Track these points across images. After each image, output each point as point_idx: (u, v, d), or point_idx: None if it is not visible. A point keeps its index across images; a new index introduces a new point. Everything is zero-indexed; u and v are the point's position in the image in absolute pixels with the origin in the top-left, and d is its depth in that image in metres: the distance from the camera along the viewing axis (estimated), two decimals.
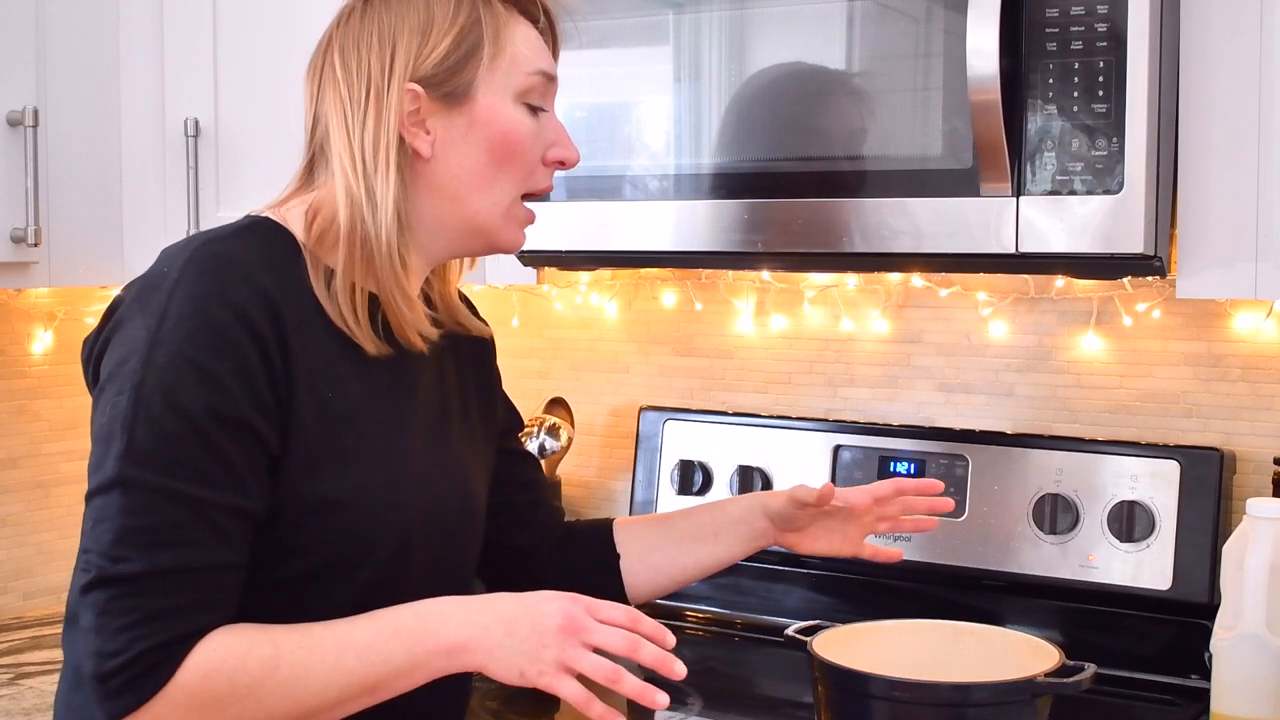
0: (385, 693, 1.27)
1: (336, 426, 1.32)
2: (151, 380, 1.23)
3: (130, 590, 1.21)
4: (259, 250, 1.33)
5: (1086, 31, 1.59)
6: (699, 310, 2.31)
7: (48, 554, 2.41)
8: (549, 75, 1.42)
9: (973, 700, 1.49)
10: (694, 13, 1.84)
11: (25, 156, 1.97)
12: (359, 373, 1.36)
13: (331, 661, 1.25)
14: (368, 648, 1.26)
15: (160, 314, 1.26)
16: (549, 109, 1.43)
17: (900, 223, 1.71)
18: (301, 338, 1.30)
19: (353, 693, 1.26)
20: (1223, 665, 1.64)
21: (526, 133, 1.39)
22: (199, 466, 1.23)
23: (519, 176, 1.40)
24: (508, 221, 1.41)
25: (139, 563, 1.21)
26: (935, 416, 2.14)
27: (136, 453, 1.22)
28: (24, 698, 1.93)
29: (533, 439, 2.32)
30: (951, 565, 2.01)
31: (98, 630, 1.21)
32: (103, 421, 1.26)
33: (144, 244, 2.14)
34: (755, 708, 1.98)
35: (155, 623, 1.21)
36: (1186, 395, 1.97)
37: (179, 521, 1.23)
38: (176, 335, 1.24)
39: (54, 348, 2.41)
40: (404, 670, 1.26)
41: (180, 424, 1.23)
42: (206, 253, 1.30)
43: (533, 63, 1.40)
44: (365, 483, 1.34)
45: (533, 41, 1.42)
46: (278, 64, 2.10)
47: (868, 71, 1.76)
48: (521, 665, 1.26)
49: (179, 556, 1.22)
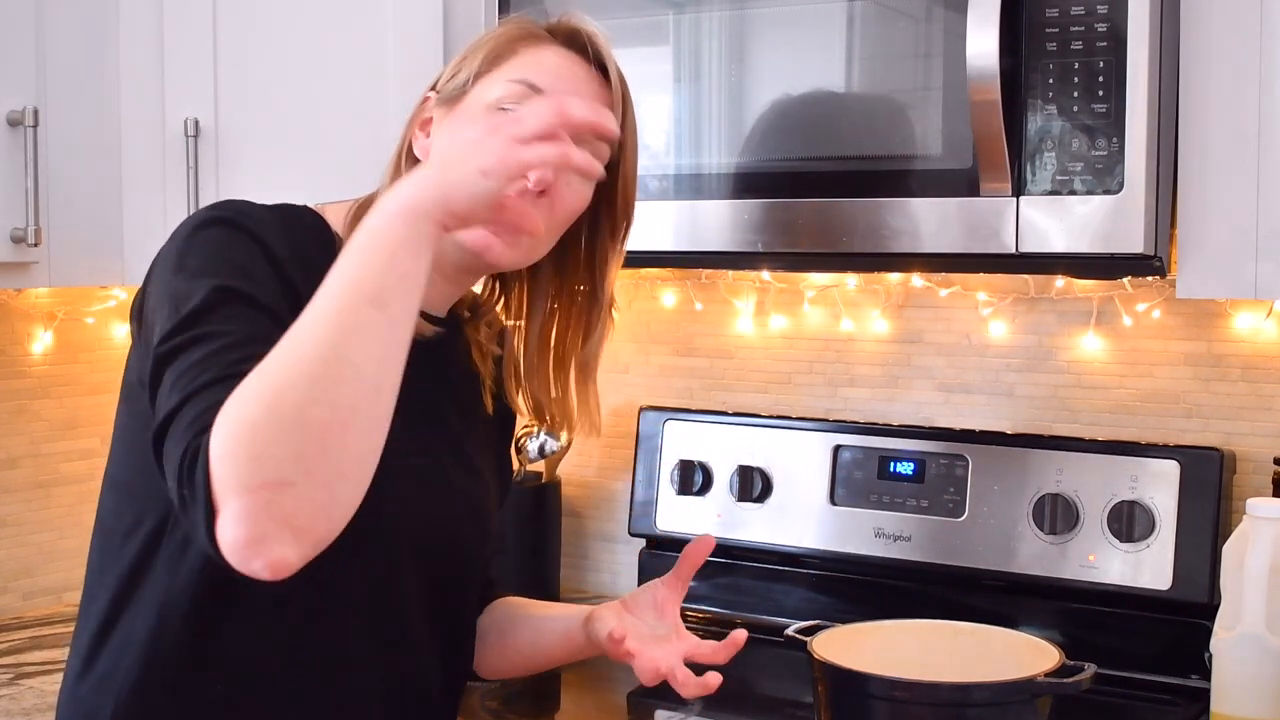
0: (388, 300, 1.12)
1: None
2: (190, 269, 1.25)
3: (205, 352, 1.18)
4: (284, 224, 1.35)
5: (1086, 31, 1.59)
6: (699, 310, 2.31)
7: (48, 554, 2.40)
8: (533, 86, 1.37)
9: (973, 700, 1.49)
10: (694, 13, 1.84)
11: (25, 156, 1.97)
12: None
13: (307, 321, 1.12)
14: (344, 267, 1.14)
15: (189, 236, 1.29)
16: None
17: (900, 223, 1.71)
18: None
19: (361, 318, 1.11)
20: (1223, 665, 1.64)
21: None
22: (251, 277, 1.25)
23: None
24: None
25: (214, 327, 1.19)
26: (935, 416, 2.14)
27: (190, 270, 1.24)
28: (24, 698, 1.93)
29: (533, 439, 2.32)
30: (951, 565, 2.01)
31: (171, 388, 1.17)
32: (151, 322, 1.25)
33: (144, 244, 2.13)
34: (755, 708, 1.98)
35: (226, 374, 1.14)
36: (1186, 395, 1.97)
37: (243, 313, 1.22)
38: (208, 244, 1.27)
39: (54, 348, 2.40)
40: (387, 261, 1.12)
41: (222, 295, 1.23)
42: (233, 204, 1.33)
43: (519, 72, 1.38)
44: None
45: (543, 59, 1.40)
46: (278, 64, 2.10)
47: (868, 71, 1.76)
48: (477, 164, 1.13)
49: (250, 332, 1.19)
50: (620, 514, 2.38)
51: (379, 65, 2.04)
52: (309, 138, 2.09)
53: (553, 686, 2.00)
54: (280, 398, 1.08)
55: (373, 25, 2.06)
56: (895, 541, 2.05)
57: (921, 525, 2.03)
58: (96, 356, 2.46)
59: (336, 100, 2.07)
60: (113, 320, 2.47)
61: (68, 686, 1.40)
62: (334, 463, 1.09)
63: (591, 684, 2.05)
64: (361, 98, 2.05)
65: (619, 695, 1.99)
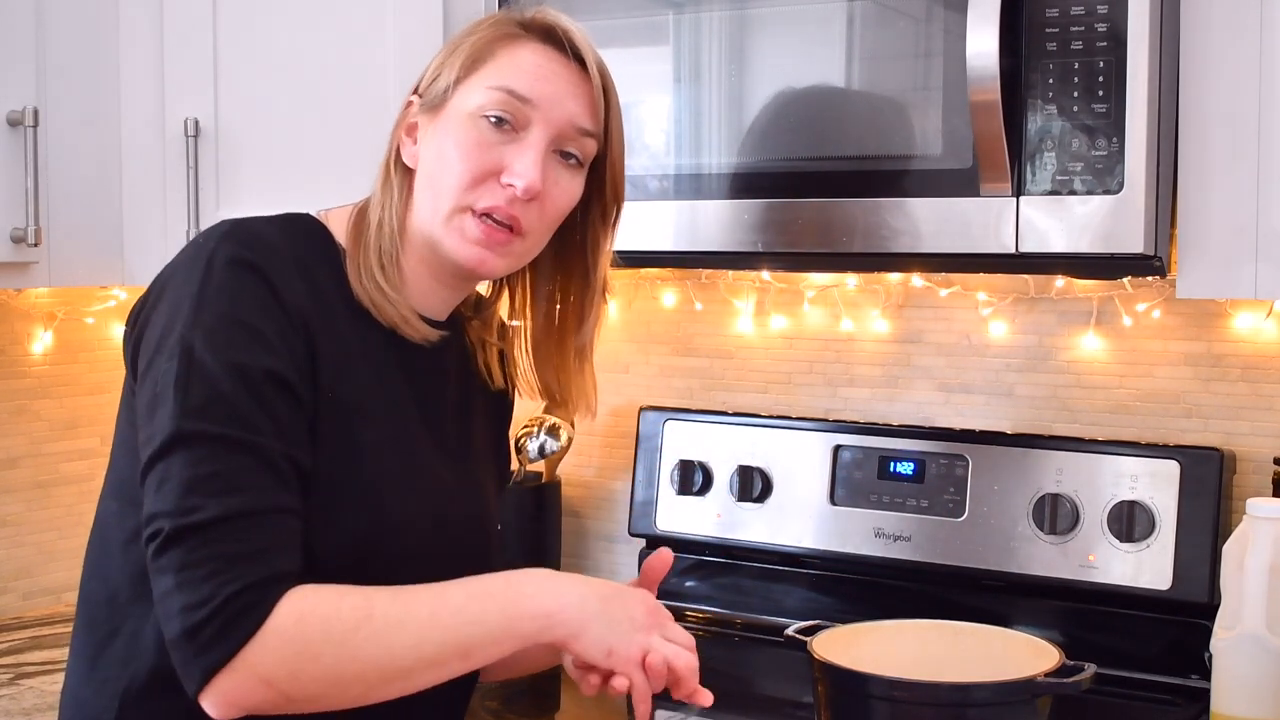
0: (477, 658, 1.27)
1: (347, 420, 1.33)
2: (201, 340, 1.25)
3: (207, 538, 1.21)
4: (292, 238, 1.35)
5: (1086, 31, 1.59)
6: (699, 310, 2.31)
7: (48, 554, 2.40)
8: (513, 93, 1.37)
9: (973, 700, 1.49)
10: (694, 13, 1.84)
11: (25, 156, 1.97)
12: (375, 372, 1.37)
13: (426, 616, 1.24)
14: (461, 607, 1.25)
15: (201, 281, 1.28)
16: (521, 128, 1.37)
17: (900, 223, 1.71)
18: (323, 330, 1.32)
19: (445, 654, 1.25)
20: (1223, 665, 1.64)
21: (472, 143, 1.37)
22: (253, 419, 1.24)
23: (460, 186, 1.36)
24: (449, 231, 1.37)
25: (211, 509, 1.21)
26: (935, 416, 2.14)
27: (192, 408, 1.23)
28: (24, 698, 1.93)
29: (533, 439, 2.32)
30: (951, 565, 2.01)
31: (180, 586, 1.20)
32: (153, 391, 1.26)
33: (144, 244, 2.14)
34: (755, 708, 1.98)
35: (237, 567, 1.20)
36: (1186, 395, 1.97)
37: (243, 466, 1.23)
38: (221, 298, 1.27)
39: (54, 348, 2.40)
40: (496, 635, 1.26)
41: (233, 379, 1.24)
42: (243, 229, 1.33)
43: (501, 78, 1.38)
44: (364, 476, 1.34)
45: (517, 61, 1.39)
46: (278, 64, 2.10)
47: (868, 71, 1.76)
48: (612, 644, 1.27)
49: (248, 499, 1.23)
50: (620, 514, 2.38)
51: (379, 65, 2.04)
52: (309, 138, 2.09)
53: (553, 686, 2.00)
54: (347, 662, 1.22)
55: (373, 25, 2.06)
56: (895, 541, 2.05)
57: (921, 525, 2.03)
58: (96, 356, 2.46)
59: (336, 100, 2.07)
60: (113, 320, 2.47)
61: (71, 688, 1.40)
62: (357, 699, 1.26)
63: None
64: (361, 98, 2.05)
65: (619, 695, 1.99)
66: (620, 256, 1.51)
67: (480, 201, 1.36)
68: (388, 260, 1.38)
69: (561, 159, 1.40)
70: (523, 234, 1.38)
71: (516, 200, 1.36)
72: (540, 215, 1.39)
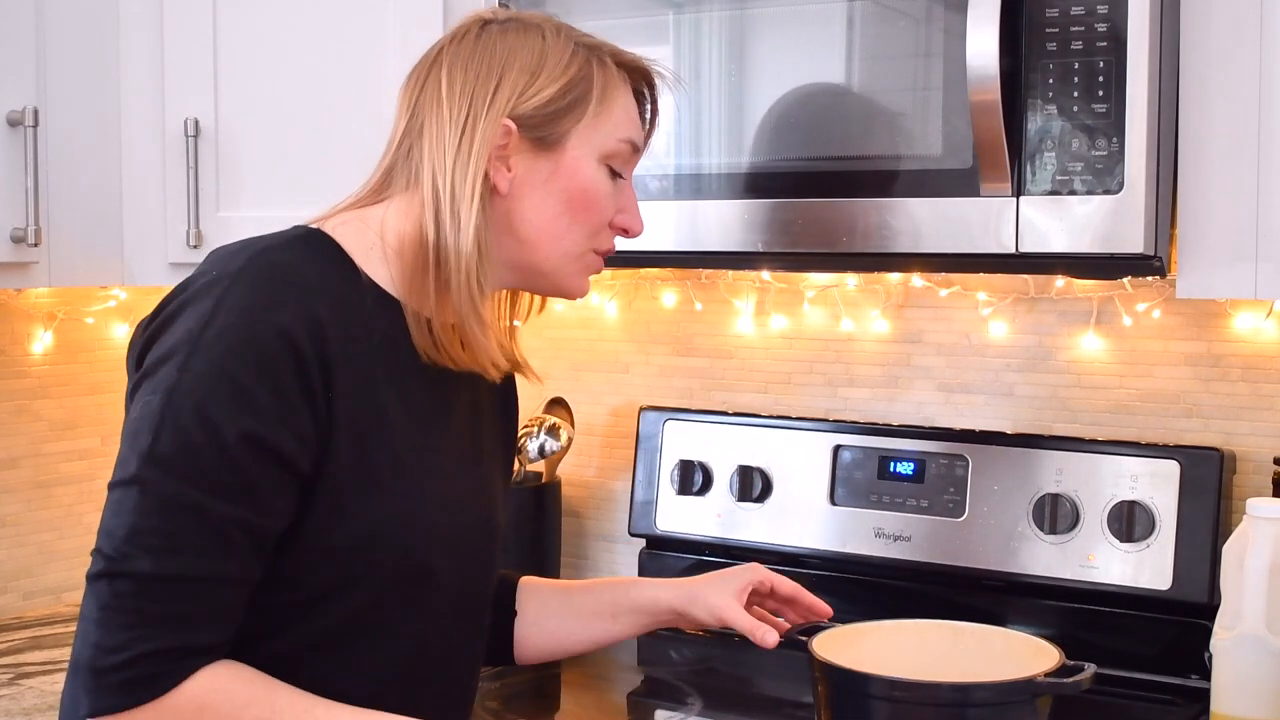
0: None
1: (372, 452, 1.32)
2: (185, 386, 1.23)
3: (135, 590, 1.21)
4: (313, 264, 1.32)
5: (1086, 31, 1.59)
6: (699, 310, 2.31)
7: (48, 554, 2.41)
8: (635, 145, 1.45)
9: (973, 700, 1.49)
10: (694, 13, 1.84)
11: (25, 156, 1.97)
12: (399, 396, 1.36)
13: None
14: None
15: (206, 319, 1.25)
16: (627, 176, 1.46)
17: (900, 223, 1.71)
18: (346, 361, 1.29)
19: None
20: (1223, 665, 1.64)
21: (603, 194, 1.42)
22: (218, 480, 1.23)
23: (588, 232, 1.43)
24: (577, 271, 1.44)
25: (145, 564, 1.21)
26: (935, 416, 2.14)
27: (158, 456, 1.23)
28: (24, 698, 1.93)
29: (533, 439, 2.32)
30: (951, 565, 2.01)
31: (99, 623, 1.22)
32: (135, 417, 1.26)
33: (144, 244, 2.14)
34: (755, 708, 1.98)
35: (157, 628, 1.21)
36: (1186, 395, 1.97)
37: (190, 529, 1.23)
38: (218, 345, 1.24)
39: (54, 348, 2.41)
40: None
41: (205, 436, 1.23)
42: (262, 262, 1.29)
43: (626, 130, 1.43)
44: (394, 509, 1.34)
45: (630, 110, 1.45)
46: (278, 64, 2.10)
47: (868, 71, 1.76)
48: None
49: (185, 564, 1.22)
50: (620, 514, 2.38)
51: (379, 65, 2.04)
52: (309, 137, 2.09)
53: (553, 686, 2.00)
54: None
55: (373, 25, 2.06)
56: (895, 541, 2.05)
57: (921, 525, 2.03)
58: (96, 356, 2.46)
59: (337, 100, 2.07)
60: (113, 320, 2.48)
61: None
62: None
63: (591, 684, 2.05)
64: (361, 98, 2.05)
65: (619, 695, 1.99)
66: (620, 256, 1.52)
67: (603, 244, 1.46)
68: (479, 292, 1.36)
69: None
70: None
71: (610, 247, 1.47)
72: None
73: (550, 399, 2.38)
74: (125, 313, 2.48)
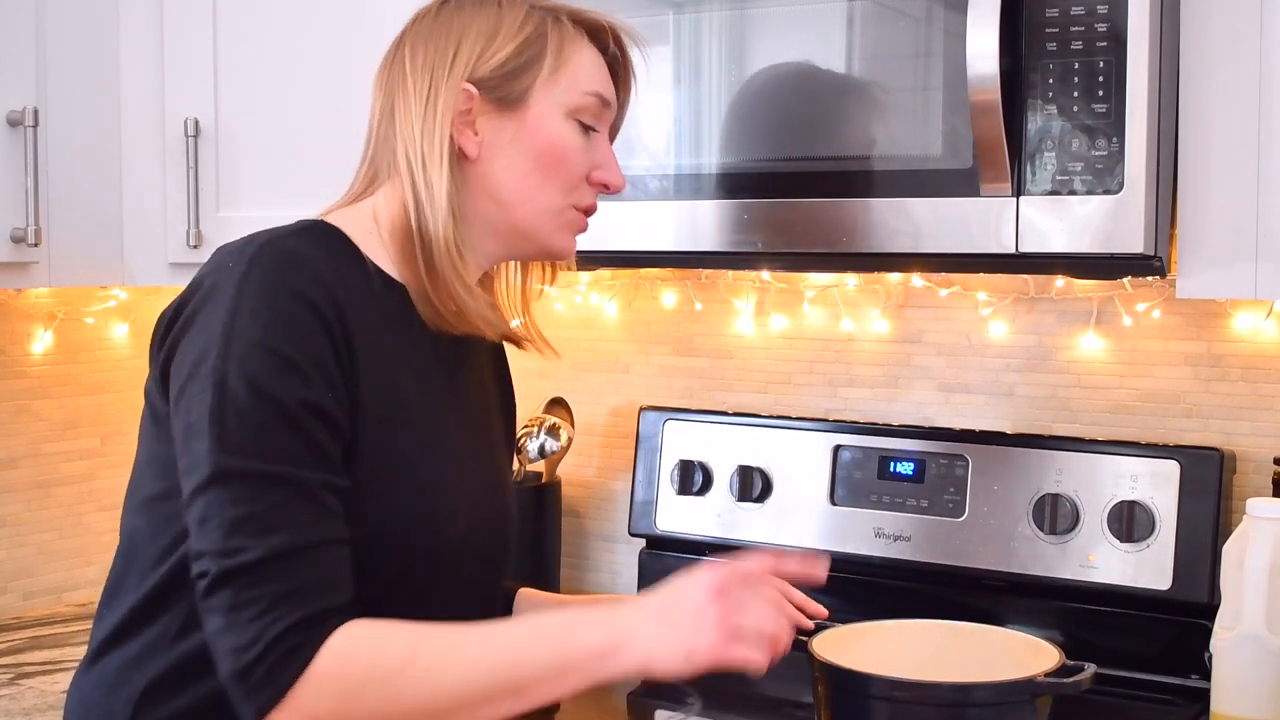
0: (534, 696, 1.24)
1: (392, 428, 1.33)
2: (233, 372, 1.24)
3: (253, 579, 1.21)
4: (322, 251, 1.34)
5: (1086, 31, 1.59)
6: (699, 310, 2.31)
7: (48, 554, 2.41)
8: (603, 98, 1.45)
9: (973, 700, 1.49)
10: (694, 13, 1.84)
11: (25, 156, 1.97)
12: (414, 376, 1.38)
13: (472, 656, 1.24)
14: (511, 645, 1.24)
15: (233, 308, 1.26)
16: (601, 131, 1.46)
17: (900, 223, 1.71)
18: (364, 339, 1.31)
19: (495, 692, 1.24)
20: (1223, 665, 1.64)
21: (572, 148, 1.42)
22: (291, 450, 1.24)
23: (562, 188, 1.43)
24: (558, 228, 1.45)
25: (255, 550, 1.21)
26: (935, 416, 2.14)
27: (229, 444, 1.23)
28: (24, 698, 1.93)
29: (533, 439, 2.32)
30: (951, 565, 2.01)
31: (229, 627, 1.21)
32: (187, 421, 1.26)
33: (144, 244, 2.14)
34: (755, 708, 1.98)
35: (283, 605, 1.21)
36: (1186, 395, 1.97)
37: (283, 502, 1.23)
38: (253, 326, 1.25)
39: (54, 348, 2.41)
40: (551, 673, 1.24)
41: (268, 410, 1.24)
42: (273, 249, 1.31)
43: (589, 83, 1.44)
44: (416, 494, 1.35)
45: (592, 64, 1.45)
46: (278, 64, 2.10)
47: (868, 71, 1.76)
48: (690, 645, 1.22)
49: (291, 536, 1.23)
50: (620, 514, 2.38)
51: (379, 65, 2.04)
52: (309, 138, 2.09)
53: None
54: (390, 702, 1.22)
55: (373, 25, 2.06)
56: (895, 541, 2.05)
57: (921, 525, 2.03)
58: (96, 356, 2.46)
59: (336, 100, 2.07)
60: (113, 320, 2.48)
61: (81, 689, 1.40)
62: None
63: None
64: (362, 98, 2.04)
65: (619, 695, 1.99)
66: (620, 256, 1.53)
67: (583, 200, 1.45)
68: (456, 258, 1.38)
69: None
70: None
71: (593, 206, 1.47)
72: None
73: (550, 399, 2.38)
74: (125, 313, 2.48)
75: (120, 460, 2.47)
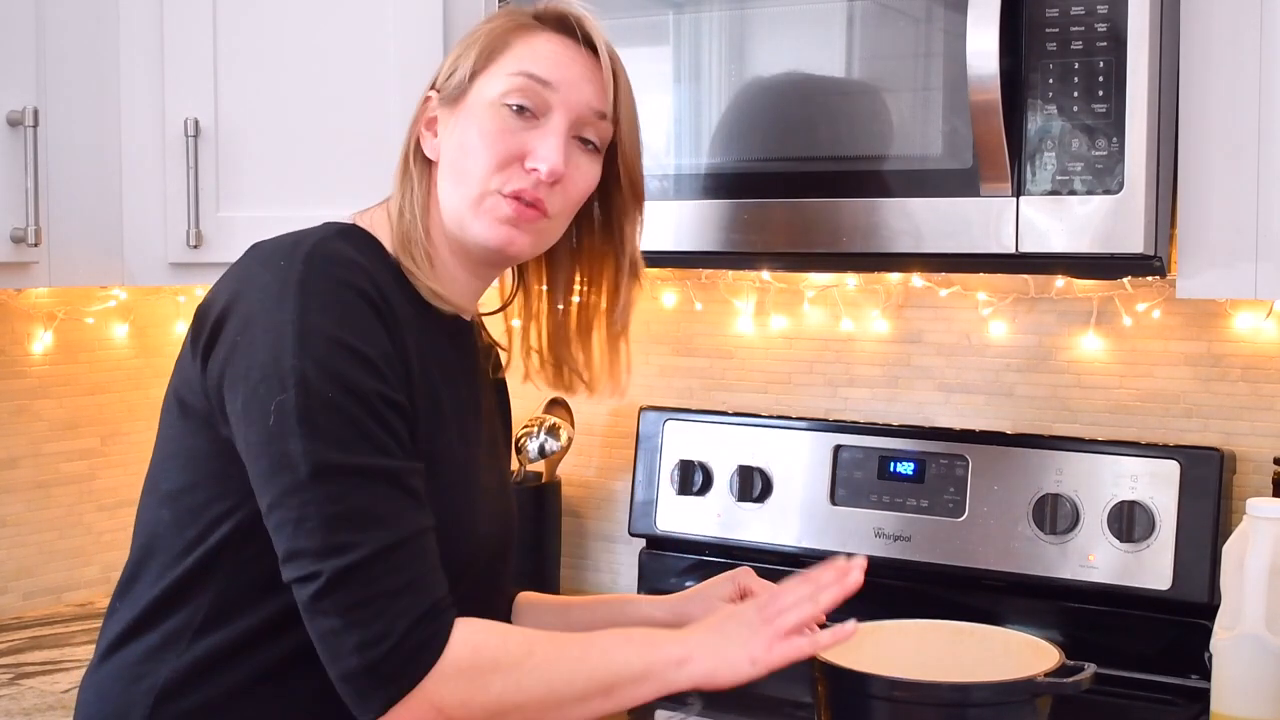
0: (619, 697, 1.31)
1: (433, 426, 1.36)
2: (312, 369, 1.25)
3: (368, 576, 1.23)
4: (360, 251, 1.36)
5: (1086, 31, 1.59)
6: (699, 310, 2.31)
7: (48, 554, 2.40)
8: (533, 77, 1.40)
9: (973, 700, 1.49)
10: (694, 13, 1.84)
11: (25, 156, 1.97)
12: (444, 375, 1.40)
13: (577, 655, 1.30)
14: (606, 649, 1.31)
15: (299, 306, 1.27)
16: (542, 115, 1.41)
17: (900, 223, 1.71)
18: (408, 338, 1.34)
19: (592, 690, 1.30)
20: (1223, 665, 1.64)
21: (493, 130, 1.40)
22: (382, 441, 1.26)
23: (483, 172, 1.40)
24: (479, 215, 1.41)
25: (363, 546, 1.23)
26: (935, 416, 2.14)
27: (324, 440, 1.24)
28: (24, 698, 1.93)
29: (533, 439, 2.32)
30: (951, 565, 2.01)
31: (351, 625, 1.23)
32: (268, 426, 1.26)
33: (144, 244, 2.13)
34: (755, 708, 1.98)
35: (402, 600, 1.24)
36: (1186, 395, 1.97)
37: (382, 495, 1.25)
38: (326, 322, 1.27)
39: (54, 348, 2.40)
40: (638, 676, 1.31)
41: (353, 401, 1.25)
42: (324, 249, 1.32)
43: (520, 65, 1.41)
44: (451, 498, 1.37)
45: (529, 48, 1.42)
46: (278, 64, 2.10)
47: (868, 71, 1.76)
48: (749, 652, 1.32)
49: (394, 530, 1.25)
50: (620, 514, 2.38)
51: (379, 64, 2.04)
52: (309, 137, 2.09)
53: None
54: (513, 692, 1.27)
55: (373, 25, 2.06)
56: (895, 541, 2.05)
57: (921, 525, 2.03)
58: (96, 356, 2.46)
59: (337, 100, 2.07)
60: (113, 320, 2.47)
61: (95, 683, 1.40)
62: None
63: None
64: (361, 97, 2.05)
65: None
66: None
67: (507, 185, 1.40)
68: (416, 248, 1.40)
69: (580, 144, 1.44)
70: (548, 216, 1.42)
71: (541, 184, 1.40)
72: (563, 199, 1.43)
73: (550, 399, 2.37)
74: (125, 313, 2.48)
75: (120, 460, 2.47)
